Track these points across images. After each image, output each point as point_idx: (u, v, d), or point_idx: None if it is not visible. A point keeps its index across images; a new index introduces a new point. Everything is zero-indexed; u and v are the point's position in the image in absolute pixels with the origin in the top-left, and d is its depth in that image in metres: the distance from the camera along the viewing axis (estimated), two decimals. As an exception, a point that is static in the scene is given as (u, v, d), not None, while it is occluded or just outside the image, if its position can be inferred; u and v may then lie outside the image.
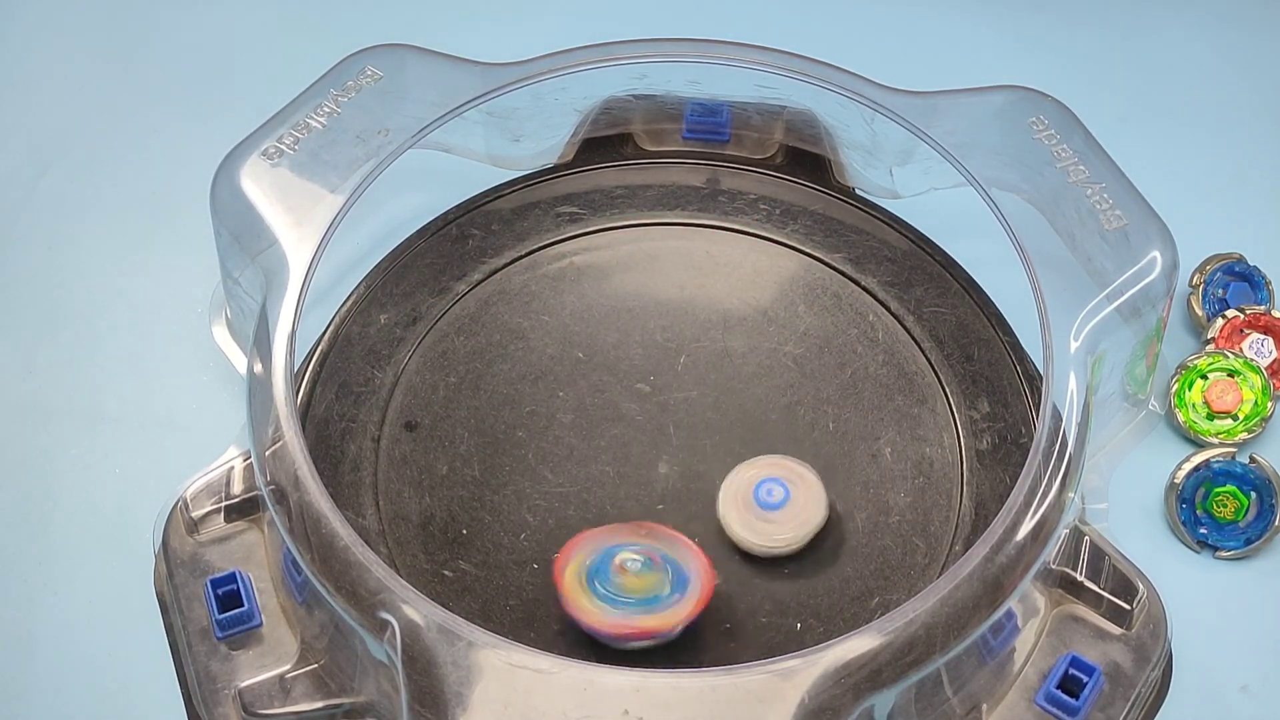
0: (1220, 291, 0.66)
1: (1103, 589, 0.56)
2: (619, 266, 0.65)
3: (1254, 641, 0.59)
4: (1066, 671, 0.55)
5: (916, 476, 0.59)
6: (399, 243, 0.65)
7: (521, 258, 0.65)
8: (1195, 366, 0.63)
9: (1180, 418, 0.63)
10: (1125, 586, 0.56)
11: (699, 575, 0.55)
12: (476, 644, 0.50)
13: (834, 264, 0.65)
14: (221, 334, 0.65)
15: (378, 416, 0.61)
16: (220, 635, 0.56)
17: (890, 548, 0.58)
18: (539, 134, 0.67)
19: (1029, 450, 0.54)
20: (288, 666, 0.55)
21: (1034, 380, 0.61)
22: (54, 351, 0.66)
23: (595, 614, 0.54)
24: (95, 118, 0.74)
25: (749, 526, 0.57)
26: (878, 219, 0.66)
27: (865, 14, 0.78)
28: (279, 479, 0.54)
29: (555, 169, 0.68)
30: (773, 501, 0.57)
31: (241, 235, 0.59)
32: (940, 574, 0.56)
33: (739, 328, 0.63)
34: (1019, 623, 0.55)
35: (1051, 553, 0.54)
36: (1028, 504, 0.53)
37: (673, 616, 0.54)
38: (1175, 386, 0.63)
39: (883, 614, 0.51)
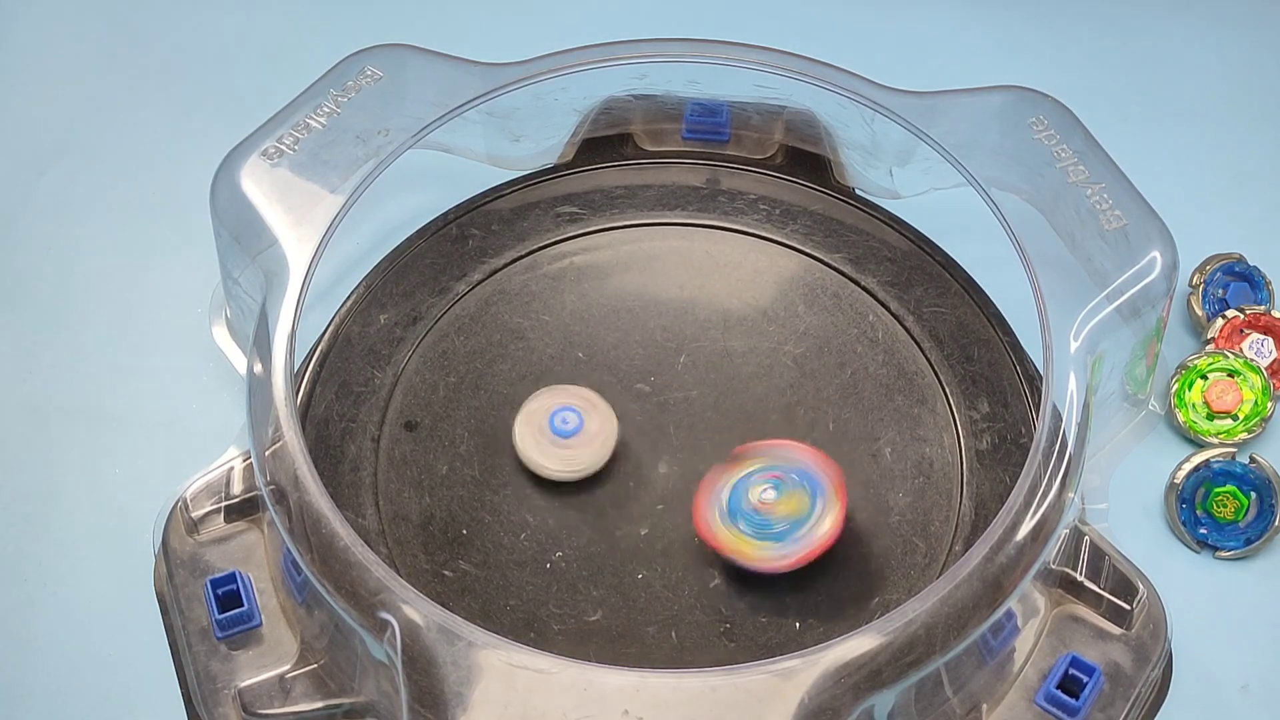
0: (1220, 291, 0.66)
1: (1103, 589, 0.56)
2: (619, 266, 0.65)
3: (1254, 641, 0.59)
4: (1066, 671, 0.55)
5: (916, 476, 0.59)
6: (399, 243, 0.65)
7: (521, 258, 0.65)
8: (1195, 366, 0.63)
9: (1180, 418, 0.63)
10: (1125, 586, 0.56)
11: (823, 472, 0.57)
12: (476, 644, 0.50)
13: (834, 264, 0.64)
14: (221, 334, 0.64)
15: (378, 416, 0.61)
16: (220, 635, 0.56)
17: (890, 548, 0.58)
18: (539, 134, 0.67)
19: (1029, 450, 0.54)
20: (288, 666, 0.55)
21: (1034, 380, 0.61)
22: (54, 351, 0.66)
23: (765, 554, 0.56)
24: (95, 118, 0.74)
25: (546, 453, 0.58)
26: (878, 219, 0.66)
27: (865, 14, 0.78)
28: (279, 479, 0.54)
29: (555, 169, 0.68)
30: (567, 429, 0.59)
31: (241, 235, 0.59)
32: (940, 574, 0.56)
33: (739, 328, 0.63)
34: (1019, 623, 0.55)
35: (1051, 553, 0.54)
36: (1028, 504, 0.53)
37: (832, 524, 0.56)
38: (1175, 386, 0.63)
39: (883, 614, 0.51)
